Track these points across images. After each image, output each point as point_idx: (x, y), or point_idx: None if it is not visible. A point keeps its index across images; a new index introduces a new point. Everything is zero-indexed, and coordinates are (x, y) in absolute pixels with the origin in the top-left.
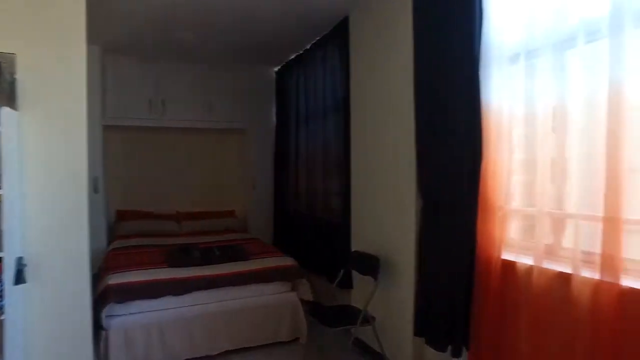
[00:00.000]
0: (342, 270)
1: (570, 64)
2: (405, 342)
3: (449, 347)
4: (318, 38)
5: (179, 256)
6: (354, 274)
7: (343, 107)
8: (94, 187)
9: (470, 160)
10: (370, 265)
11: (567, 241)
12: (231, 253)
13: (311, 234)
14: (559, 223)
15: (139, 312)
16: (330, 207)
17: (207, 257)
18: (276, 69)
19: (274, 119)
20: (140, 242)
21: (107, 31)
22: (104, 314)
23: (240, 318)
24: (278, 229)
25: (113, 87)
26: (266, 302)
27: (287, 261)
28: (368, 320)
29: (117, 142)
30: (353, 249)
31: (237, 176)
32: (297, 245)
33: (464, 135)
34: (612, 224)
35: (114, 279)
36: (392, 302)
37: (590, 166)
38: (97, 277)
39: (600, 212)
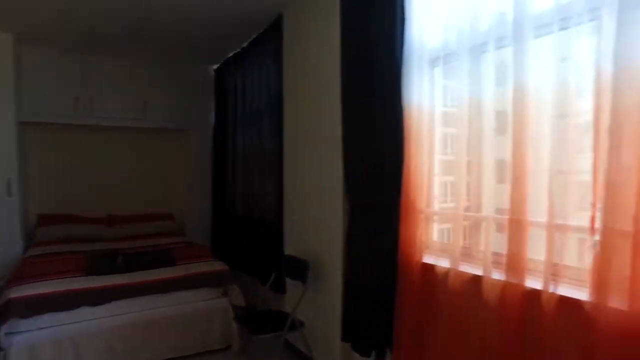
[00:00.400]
0: (273, 275)
1: (484, 67)
2: (334, 347)
3: (373, 352)
4: (254, 36)
5: (101, 263)
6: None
7: (277, 108)
8: (6, 190)
9: (394, 162)
10: (299, 269)
11: (483, 243)
12: (158, 258)
13: (248, 236)
14: (474, 225)
15: (49, 327)
16: (266, 209)
17: (131, 263)
18: (215, 67)
19: (213, 118)
20: (61, 249)
21: (20, 18)
22: (2, 331)
23: (166, 327)
24: (217, 232)
25: (31, 80)
26: (195, 310)
27: (218, 266)
28: (296, 326)
29: (40, 140)
30: (286, 252)
31: (175, 177)
32: (234, 248)
33: (388, 137)
34: (516, 225)
35: (18, 292)
36: (322, 307)
37: (500, 167)
38: (1, 289)
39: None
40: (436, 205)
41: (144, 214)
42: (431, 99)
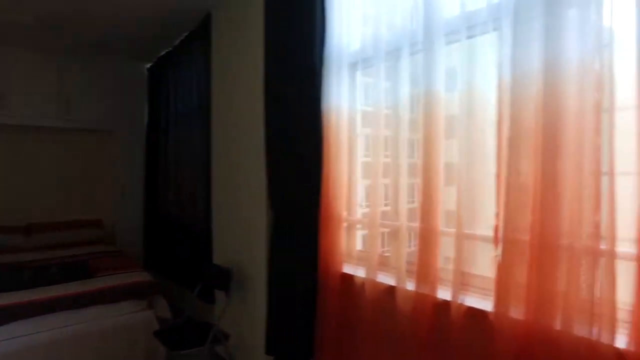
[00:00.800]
0: (199, 284)
1: (400, 71)
2: None
3: None
4: (186, 34)
5: (3, 279)
6: None
7: (206, 110)
8: None
9: (314, 168)
10: (223, 278)
11: (399, 252)
12: (71, 271)
13: (180, 244)
14: (393, 233)
15: None
16: (196, 215)
17: (39, 277)
18: (148, 65)
19: (145, 119)
20: None
21: None
22: None
23: (81, 346)
24: (150, 239)
25: None
26: (115, 325)
27: (141, 276)
28: (220, 338)
29: None
30: (214, 260)
31: (105, 182)
32: (167, 257)
33: (308, 142)
34: (426, 234)
35: None
36: (248, 318)
37: (413, 172)
38: None
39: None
40: (360, 212)
41: (68, 222)
42: (351, 102)
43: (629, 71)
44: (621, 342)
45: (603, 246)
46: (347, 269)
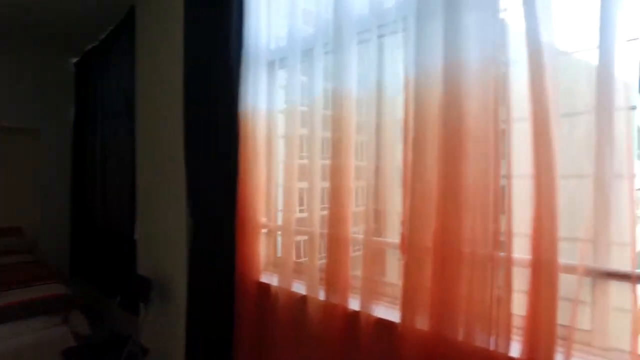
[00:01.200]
0: (121, 295)
1: (315, 70)
2: None
3: None
4: (111, 28)
5: None
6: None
7: (131, 110)
8: None
9: (232, 173)
10: (143, 290)
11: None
12: None
13: (105, 252)
14: (310, 240)
15: None
16: (121, 222)
17: None
18: (75, 60)
19: (72, 118)
20: None
21: None
22: None
23: None
24: (76, 247)
25: None
26: (21, 344)
27: (56, 289)
28: (137, 355)
29: None
30: (139, 270)
31: (25, 185)
32: (94, 266)
33: (225, 146)
34: (336, 241)
35: None
36: (170, 331)
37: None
38: None
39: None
40: (281, 218)
41: None
42: (270, 102)
43: (524, 73)
44: (515, 350)
45: (502, 253)
46: (265, 277)
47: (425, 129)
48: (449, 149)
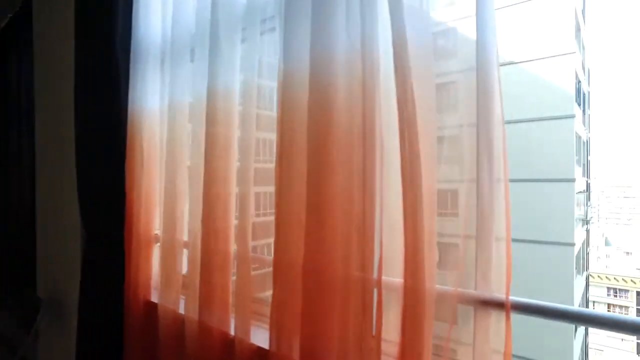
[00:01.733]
0: (12, 315)
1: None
2: None
3: None
4: (10, 15)
5: None
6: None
7: (32, 107)
8: None
9: (119, 181)
10: (34, 307)
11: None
12: None
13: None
14: (189, 256)
15: None
16: (20, 230)
17: None
18: None
19: None
20: None
21: None
22: None
23: None
24: None
25: None
26: None
27: None
28: None
29: None
30: (38, 288)
31: None
32: None
33: (113, 149)
34: (209, 255)
35: None
36: (64, 354)
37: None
38: None
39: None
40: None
41: None
42: (162, 100)
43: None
44: None
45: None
46: (155, 296)
47: (293, 132)
48: (314, 159)
